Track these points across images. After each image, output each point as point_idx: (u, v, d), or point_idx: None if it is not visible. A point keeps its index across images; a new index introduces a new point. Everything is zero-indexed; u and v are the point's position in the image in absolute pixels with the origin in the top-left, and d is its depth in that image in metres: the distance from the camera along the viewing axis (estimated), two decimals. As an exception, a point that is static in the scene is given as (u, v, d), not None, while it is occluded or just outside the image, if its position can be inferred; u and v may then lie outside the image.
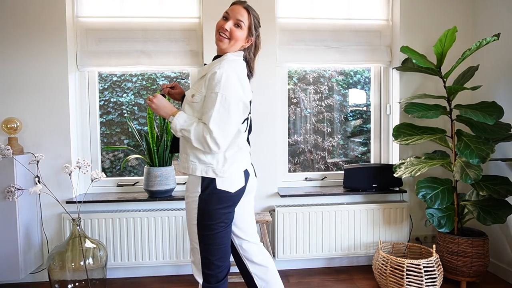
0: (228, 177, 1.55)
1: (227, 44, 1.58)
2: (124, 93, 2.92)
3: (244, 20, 1.57)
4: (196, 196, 1.54)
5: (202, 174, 1.53)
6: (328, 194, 2.73)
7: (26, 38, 2.53)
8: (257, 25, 1.64)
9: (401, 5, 2.78)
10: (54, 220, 2.61)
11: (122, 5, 2.69)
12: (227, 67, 1.51)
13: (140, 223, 2.60)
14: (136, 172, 2.99)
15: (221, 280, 1.61)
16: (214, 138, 1.47)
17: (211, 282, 1.59)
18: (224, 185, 1.55)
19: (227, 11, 1.59)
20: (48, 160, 2.54)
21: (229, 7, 1.61)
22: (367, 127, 3.10)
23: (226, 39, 1.57)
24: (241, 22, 1.57)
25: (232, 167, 1.57)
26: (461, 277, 2.41)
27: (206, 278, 1.60)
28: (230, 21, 1.56)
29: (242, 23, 1.57)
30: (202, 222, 1.55)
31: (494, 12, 2.66)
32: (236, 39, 1.57)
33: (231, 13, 1.57)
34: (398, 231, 2.79)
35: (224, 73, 1.48)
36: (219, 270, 1.60)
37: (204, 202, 1.53)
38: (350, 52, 2.82)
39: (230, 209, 1.59)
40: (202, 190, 1.53)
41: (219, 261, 1.59)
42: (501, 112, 2.30)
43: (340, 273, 2.73)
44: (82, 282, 2.34)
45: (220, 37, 1.57)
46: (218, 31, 1.58)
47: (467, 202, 2.48)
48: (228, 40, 1.57)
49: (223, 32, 1.56)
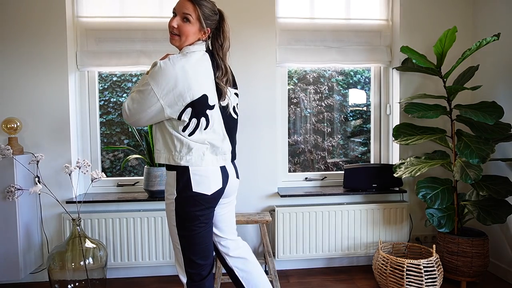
0: (203, 179, 1.53)
1: (179, 41, 1.53)
2: (124, 93, 2.92)
3: (191, 13, 1.49)
4: (173, 199, 1.53)
5: (165, 161, 1.53)
6: (328, 194, 2.73)
7: (26, 38, 2.53)
8: (209, 14, 1.53)
9: (401, 5, 2.78)
10: (54, 220, 2.61)
11: (122, 5, 2.69)
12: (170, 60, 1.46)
13: (140, 223, 2.60)
14: (136, 172, 2.99)
15: (205, 277, 1.62)
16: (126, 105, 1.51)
17: (195, 280, 1.60)
18: (200, 187, 1.52)
19: (174, 7, 1.52)
20: (48, 160, 2.54)
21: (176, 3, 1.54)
22: (367, 127, 3.10)
23: (177, 36, 1.53)
24: (188, 16, 1.49)
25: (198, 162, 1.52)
26: (461, 277, 2.41)
27: (190, 276, 1.60)
28: (178, 17, 1.51)
29: (189, 16, 1.49)
30: (181, 224, 1.54)
31: (494, 12, 2.66)
32: (186, 35, 1.51)
33: (177, 9, 1.51)
34: (398, 231, 2.79)
35: (162, 64, 1.45)
36: (202, 268, 1.61)
37: (181, 205, 1.52)
38: (350, 52, 2.82)
39: (209, 210, 1.58)
40: (177, 192, 1.52)
41: (202, 259, 1.59)
42: (501, 112, 2.30)
43: (340, 273, 2.73)
44: (82, 282, 2.34)
45: (171, 35, 1.53)
46: (169, 31, 1.53)
47: (467, 202, 2.48)
48: (178, 36, 1.53)
49: (172, 30, 1.52)
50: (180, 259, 1.61)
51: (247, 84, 2.68)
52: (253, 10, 2.67)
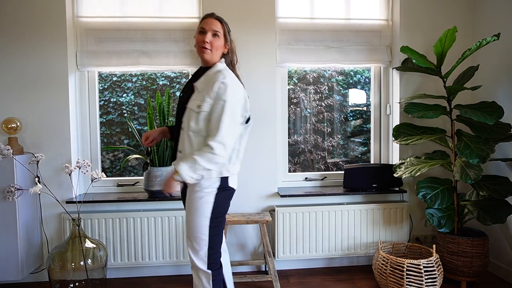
0: (234, 176, 1.78)
1: (210, 54, 1.74)
2: (124, 93, 2.92)
3: (220, 30, 1.74)
4: (214, 192, 1.70)
5: (218, 175, 1.71)
6: (328, 194, 2.73)
7: (26, 38, 2.53)
8: (229, 30, 1.80)
9: (401, 5, 2.78)
10: (54, 220, 2.61)
11: (122, 5, 2.69)
12: (230, 76, 1.70)
13: (140, 223, 2.60)
14: (136, 172, 2.99)
15: (221, 265, 1.80)
16: (222, 142, 1.62)
17: (215, 268, 1.75)
18: (232, 182, 1.78)
19: (202, 26, 1.74)
20: (48, 160, 2.54)
21: (201, 21, 1.76)
22: (367, 127, 3.10)
23: (209, 50, 1.73)
24: (218, 32, 1.73)
25: (235, 166, 1.78)
26: (461, 277, 2.41)
27: (211, 265, 1.73)
28: (209, 33, 1.72)
29: (218, 33, 1.73)
30: (215, 215, 1.71)
31: (494, 12, 2.66)
32: (217, 48, 1.74)
33: (206, 26, 1.72)
34: (398, 231, 2.79)
35: (230, 82, 1.66)
36: (219, 256, 1.80)
37: (220, 197, 1.72)
38: (350, 52, 2.82)
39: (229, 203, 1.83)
40: (219, 187, 1.71)
41: (220, 248, 1.80)
42: (501, 112, 2.30)
43: (340, 273, 2.73)
44: (82, 282, 2.34)
45: (203, 49, 1.72)
46: (199, 45, 1.73)
47: (467, 202, 2.48)
48: (210, 50, 1.73)
49: (205, 45, 1.71)
50: (202, 250, 1.72)
51: (247, 84, 2.64)
52: (253, 10, 2.67)
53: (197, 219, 1.70)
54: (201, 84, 1.72)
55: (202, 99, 1.66)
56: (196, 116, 1.66)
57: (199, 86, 1.71)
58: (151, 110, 2.56)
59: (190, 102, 1.69)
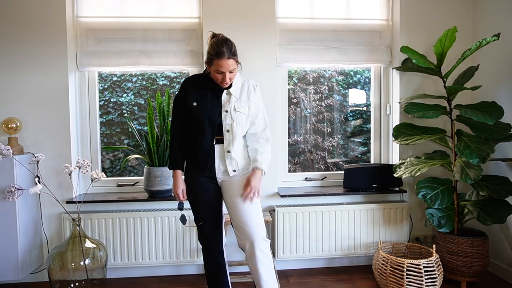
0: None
1: (228, 83, 1.90)
2: (124, 93, 2.92)
3: (235, 66, 1.86)
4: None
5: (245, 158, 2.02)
6: (328, 194, 2.73)
7: (26, 38, 2.53)
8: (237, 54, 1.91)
9: (401, 5, 2.78)
10: (54, 220, 2.61)
11: (122, 5, 2.69)
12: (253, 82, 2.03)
13: (140, 223, 2.60)
14: (136, 172, 2.99)
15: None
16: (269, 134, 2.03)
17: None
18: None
19: (219, 69, 1.82)
20: (48, 160, 2.54)
21: (216, 62, 1.81)
22: (367, 127, 3.10)
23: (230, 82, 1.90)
24: (234, 69, 1.85)
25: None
26: (461, 277, 2.41)
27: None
28: (227, 73, 1.83)
29: (234, 69, 1.86)
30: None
31: (494, 12, 2.66)
32: (233, 78, 1.90)
33: (224, 69, 1.82)
34: (398, 231, 2.79)
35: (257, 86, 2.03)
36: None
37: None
38: (350, 52, 2.82)
39: None
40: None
41: None
42: (501, 112, 2.30)
43: (340, 273, 2.73)
44: (82, 282, 2.34)
45: (223, 83, 1.88)
46: (219, 81, 1.87)
47: (467, 202, 2.48)
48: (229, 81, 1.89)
49: (228, 81, 1.87)
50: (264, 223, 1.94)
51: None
52: (253, 10, 2.67)
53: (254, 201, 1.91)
54: (237, 90, 1.95)
55: (247, 103, 1.94)
56: (247, 117, 1.94)
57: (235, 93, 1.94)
58: (151, 110, 2.56)
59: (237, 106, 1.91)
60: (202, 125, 1.90)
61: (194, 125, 1.94)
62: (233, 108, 1.91)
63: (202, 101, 1.91)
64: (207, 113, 1.89)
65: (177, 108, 1.99)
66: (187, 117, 1.96)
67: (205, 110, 1.89)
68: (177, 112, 1.99)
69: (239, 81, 1.98)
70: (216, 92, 1.93)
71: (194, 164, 1.97)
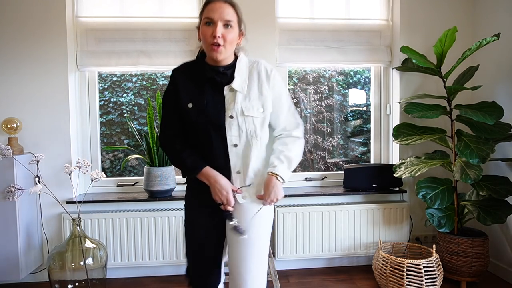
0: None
1: (225, 52, 1.36)
2: (124, 93, 2.92)
3: (233, 18, 1.34)
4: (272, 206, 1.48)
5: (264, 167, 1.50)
6: (328, 194, 2.73)
7: (26, 38, 2.53)
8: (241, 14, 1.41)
9: (401, 5, 2.78)
10: (54, 220, 2.61)
11: (122, 5, 2.69)
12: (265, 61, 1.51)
13: (140, 223, 2.60)
14: (136, 172, 2.99)
15: None
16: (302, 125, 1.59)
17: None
18: None
19: (209, 15, 1.33)
20: (48, 160, 2.54)
21: (206, 8, 1.35)
22: (367, 127, 3.10)
23: (222, 47, 1.34)
24: (231, 22, 1.33)
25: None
26: (461, 277, 2.41)
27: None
28: (219, 25, 1.32)
29: (231, 22, 1.34)
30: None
31: (494, 12, 2.66)
32: (231, 42, 1.36)
33: (215, 15, 1.32)
34: (398, 231, 2.79)
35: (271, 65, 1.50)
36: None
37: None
38: (350, 52, 2.82)
39: None
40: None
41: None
42: (501, 112, 2.30)
43: (340, 273, 2.73)
44: (82, 282, 2.34)
45: (213, 47, 1.33)
46: (208, 42, 1.34)
47: (467, 202, 2.48)
48: (223, 47, 1.34)
49: (216, 40, 1.32)
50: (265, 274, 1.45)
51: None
52: (253, 10, 2.67)
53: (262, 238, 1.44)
54: (244, 81, 1.40)
55: (259, 101, 1.40)
56: (262, 121, 1.41)
57: (241, 86, 1.40)
58: (151, 110, 2.57)
59: (245, 108, 1.38)
60: (206, 135, 1.39)
61: (194, 136, 1.42)
62: (240, 111, 1.37)
63: (200, 100, 1.39)
64: (211, 117, 1.37)
65: (168, 112, 1.46)
66: (184, 123, 1.44)
67: (206, 112, 1.38)
68: (168, 117, 1.46)
69: (244, 65, 1.44)
70: (217, 85, 1.40)
71: (198, 190, 1.44)
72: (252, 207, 1.43)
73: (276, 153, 1.45)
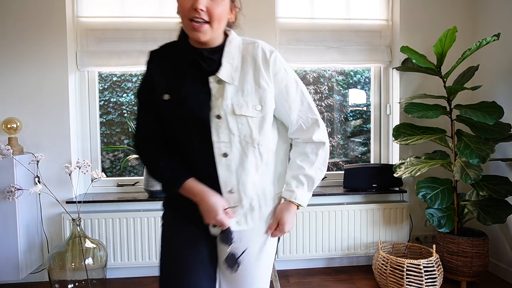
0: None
1: (210, 31, 1.02)
2: (124, 93, 2.92)
3: None
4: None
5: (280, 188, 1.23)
6: (328, 194, 2.73)
7: (26, 38, 2.53)
8: None
9: (401, 5, 2.78)
10: (54, 220, 2.61)
11: (122, 5, 2.69)
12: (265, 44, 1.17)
13: (140, 223, 2.60)
14: (136, 172, 2.99)
15: None
16: (323, 125, 1.22)
17: None
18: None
19: None
20: (48, 160, 2.53)
21: None
22: (367, 127, 3.10)
23: (206, 24, 1.01)
24: None
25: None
26: (461, 277, 2.41)
27: None
28: None
29: None
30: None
31: (494, 12, 2.66)
32: (219, 19, 1.03)
33: None
34: (398, 231, 2.79)
35: (273, 49, 1.16)
36: None
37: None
38: (350, 52, 2.82)
39: None
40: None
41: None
42: (501, 112, 2.30)
43: (340, 273, 2.73)
44: (82, 282, 2.34)
45: (194, 25, 1.00)
46: (187, 17, 1.01)
47: (467, 202, 2.48)
48: (208, 24, 1.01)
49: (198, 16, 0.99)
50: None
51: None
52: (253, 10, 2.67)
53: (266, 264, 1.14)
54: (235, 70, 1.06)
55: (256, 94, 1.07)
56: (260, 121, 1.08)
57: (231, 76, 1.05)
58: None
59: (237, 105, 1.04)
60: (187, 138, 1.06)
61: (173, 140, 1.10)
62: (231, 110, 1.04)
63: (179, 91, 1.05)
64: (192, 112, 1.04)
65: (143, 107, 1.13)
66: (160, 121, 1.10)
67: (185, 106, 1.04)
68: (143, 114, 1.14)
69: (236, 48, 1.11)
70: (202, 70, 1.06)
71: (175, 203, 1.15)
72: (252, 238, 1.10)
73: (294, 170, 1.15)
